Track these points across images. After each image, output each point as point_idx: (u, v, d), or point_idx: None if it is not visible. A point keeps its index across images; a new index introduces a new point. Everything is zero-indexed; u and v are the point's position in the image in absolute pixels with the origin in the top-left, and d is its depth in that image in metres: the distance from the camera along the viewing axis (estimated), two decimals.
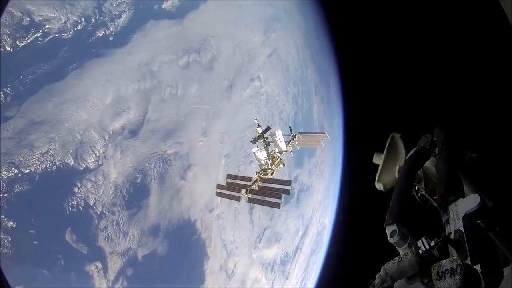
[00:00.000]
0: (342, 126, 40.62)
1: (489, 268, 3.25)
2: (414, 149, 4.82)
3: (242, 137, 32.02)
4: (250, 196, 11.88)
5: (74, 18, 25.29)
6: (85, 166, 24.13)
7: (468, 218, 3.63)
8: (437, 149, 4.69)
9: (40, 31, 23.97)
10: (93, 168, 24.36)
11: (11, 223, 21.18)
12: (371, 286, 3.58)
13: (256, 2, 36.38)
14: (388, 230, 3.99)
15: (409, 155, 4.77)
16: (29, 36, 23.57)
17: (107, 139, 25.18)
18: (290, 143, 13.73)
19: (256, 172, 12.67)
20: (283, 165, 13.17)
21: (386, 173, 5.25)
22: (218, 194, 12.66)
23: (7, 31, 22.68)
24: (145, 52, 28.14)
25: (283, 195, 11.43)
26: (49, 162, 22.89)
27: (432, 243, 3.43)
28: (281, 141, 13.04)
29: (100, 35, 26.49)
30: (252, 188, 11.96)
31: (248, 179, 12.30)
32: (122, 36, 27.40)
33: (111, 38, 26.92)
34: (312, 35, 41.41)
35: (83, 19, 25.63)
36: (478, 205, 3.63)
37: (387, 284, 3.51)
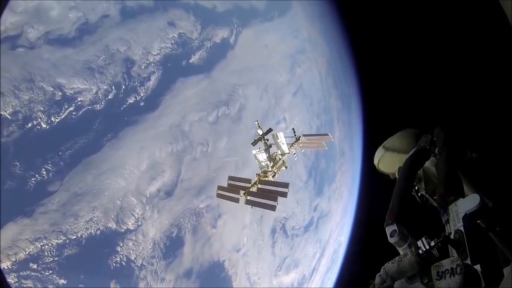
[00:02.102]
0: (361, 145, 40.73)
1: (489, 268, 3.25)
2: (414, 149, 4.84)
3: None
4: (248, 198, 11.67)
5: (105, 87, 25.57)
6: (126, 228, 25.24)
7: (468, 218, 3.64)
8: (437, 149, 4.70)
9: (73, 104, 24.39)
10: (133, 228, 25.46)
11: (62, 280, 22.55)
12: (371, 286, 3.59)
13: (282, 36, 36.79)
14: (388, 230, 4.00)
15: (409, 155, 4.78)
16: (63, 111, 24.02)
17: (144, 202, 26.24)
18: (293, 145, 13.40)
19: (256, 174, 12.46)
20: (286, 167, 12.85)
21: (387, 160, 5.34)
22: (218, 195, 12.49)
23: (41, 108, 23.26)
24: (175, 113, 28.56)
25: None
26: (93, 228, 24.00)
27: (432, 243, 3.43)
28: (283, 143, 12.69)
29: (131, 101, 26.74)
30: (251, 190, 11.79)
31: (248, 181, 12.10)
32: (153, 100, 27.71)
33: (142, 104, 27.19)
34: (334, 57, 41.70)
35: (113, 87, 25.90)
36: (478, 205, 3.64)
37: (387, 284, 3.52)
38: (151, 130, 27.49)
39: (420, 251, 3.43)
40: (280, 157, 12.73)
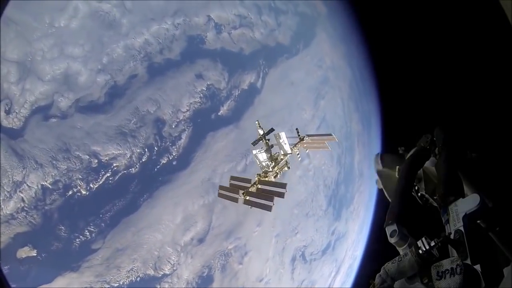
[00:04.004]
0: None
1: (489, 268, 3.25)
2: (414, 149, 4.84)
3: (290, 215, 34.83)
4: (247, 198, 11.47)
5: (138, 150, 25.95)
6: (163, 273, 26.66)
7: (468, 218, 3.63)
8: (437, 149, 4.67)
9: (110, 170, 24.94)
10: (169, 273, 26.90)
11: None
12: (371, 286, 3.59)
13: (307, 69, 36.87)
14: (388, 230, 3.99)
15: (409, 155, 4.79)
16: (100, 177, 24.62)
17: (179, 250, 27.27)
18: (297, 145, 12.89)
19: (257, 174, 12.13)
20: (288, 168, 12.39)
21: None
22: (220, 195, 12.32)
23: (80, 176, 23.93)
24: (206, 168, 29.00)
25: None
26: (133, 276, 25.48)
27: (432, 243, 3.45)
28: (285, 144, 12.20)
29: (164, 162, 27.14)
30: (250, 190, 11.60)
31: (248, 181, 11.89)
32: (184, 157, 28.10)
33: (174, 163, 27.59)
34: (356, 78, 41.64)
35: (146, 149, 26.27)
36: (478, 205, 3.63)
37: (387, 284, 3.52)
38: (184, 187, 28.14)
39: (420, 251, 3.44)
40: (282, 157, 12.43)
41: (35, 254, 22.47)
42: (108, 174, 25.05)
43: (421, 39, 24.99)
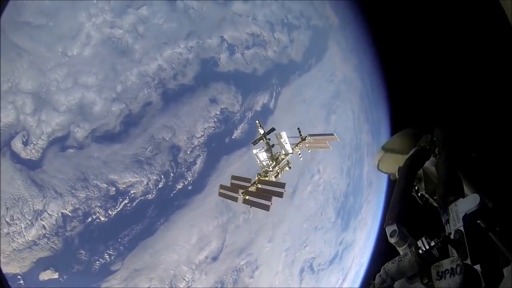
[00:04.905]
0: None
1: (489, 268, 3.21)
2: (414, 149, 4.81)
3: (300, 230, 35.47)
4: (247, 197, 11.44)
5: (154, 177, 26.29)
6: None
7: (468, 218, 3.59)
8: (437, 149, 4.64)
9: (127, 197, 25.37)
10: None
11: None
12: (371, 286, 3.57)
13: (318, 85, 36.76)
14: (388, 230, 3.97)
15: (409, 155, 4.76)
16: (118, 204, 25.08)
17: (194, 268, 27.94)
18: (298, 145, 12.86)
19: (257, 174, 12.07)
20: (289, 168, 12.37)
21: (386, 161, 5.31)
22: (220, 194, 12.27)
23: (98, 204, 24.43)
24: None
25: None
26: None
27: (432, 243, 3.42)
28: (286, 143, 12.14)
29: (180, 187, 27.50)
30: (250, 189, 11.53)
31: (248, 180, 11.81)
32: (199, 181, 28.40)
33: (190, 188, 27.95)
34: (367, 89, 41.53)
35: (162, 176, 26.59)
36: (478, 205, 3.58)
37: (387, 284, 3.50)
38: (199, 210, 28.57)
39: (420, 251, 3.42)
40: (283, 157, 12.39)
41: (57, 277, 23.22)
42: (126, 201, 25.50)
43: (427, 43, 25.04)
